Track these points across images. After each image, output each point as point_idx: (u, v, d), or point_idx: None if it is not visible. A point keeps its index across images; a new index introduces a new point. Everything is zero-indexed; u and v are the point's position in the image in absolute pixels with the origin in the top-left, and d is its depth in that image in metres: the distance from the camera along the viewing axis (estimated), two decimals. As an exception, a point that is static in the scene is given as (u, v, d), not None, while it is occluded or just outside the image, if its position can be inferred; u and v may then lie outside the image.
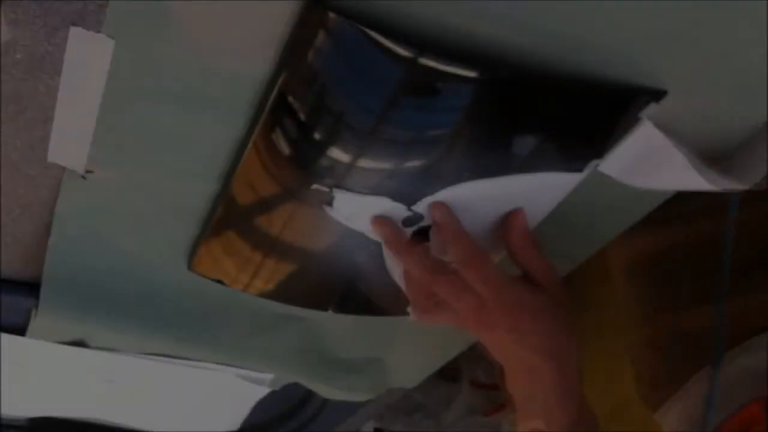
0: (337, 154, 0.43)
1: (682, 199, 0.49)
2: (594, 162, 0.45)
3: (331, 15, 0.36)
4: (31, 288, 0.60)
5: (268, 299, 0.59)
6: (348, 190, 0.46)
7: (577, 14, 0.36)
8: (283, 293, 0.59)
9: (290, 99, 0.41)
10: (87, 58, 0.40)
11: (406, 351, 0.72)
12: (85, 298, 0.60)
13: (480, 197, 0.47)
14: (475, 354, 1.53)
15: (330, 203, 0.47)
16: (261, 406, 0.78)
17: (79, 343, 0.66)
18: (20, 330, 0.64)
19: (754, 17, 0.37)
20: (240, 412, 0.79)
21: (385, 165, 0.44)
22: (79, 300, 0.60)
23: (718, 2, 0.36)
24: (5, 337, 0.64)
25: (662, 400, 0.65)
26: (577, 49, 0.38)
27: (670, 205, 0.50)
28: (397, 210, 0.47)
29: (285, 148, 0.44)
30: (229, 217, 0.51)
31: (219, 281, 0.57)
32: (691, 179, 0.46)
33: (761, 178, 0.46)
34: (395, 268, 0.53)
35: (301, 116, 0.41)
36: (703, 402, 0.57)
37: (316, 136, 0.42)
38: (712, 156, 0.46)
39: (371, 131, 0.41)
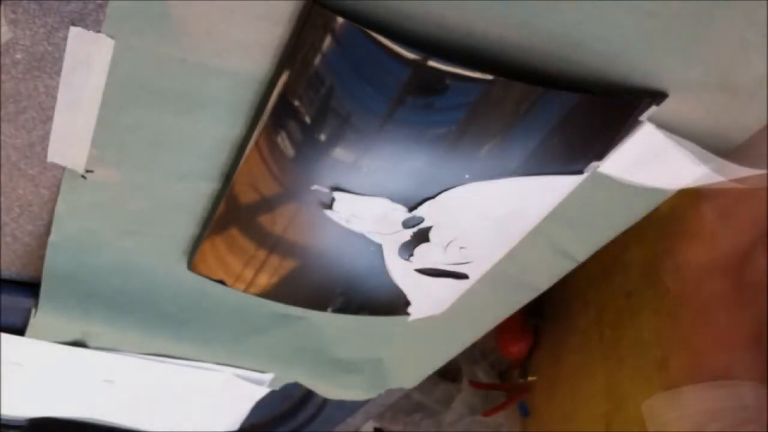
0: (337, 154, 0.43)
1: None
2: (594, 164, 0.45)
3: (337, 18, 0.36)
4: (31, 288, 0.60)
5: (268, 299, 0.59)
6: (348, 191, 0.46)
7: (578, 15, 0.36)
8: (283, 293, 0.59)
9: (291, 99, 0.41)
10: (87, 58, 0.40)
11: (406, 351, 0.72)
12: (85, 297, 0.60)
13: (480, 199, 0.47)
14: (475, 354, 1.53)
15: (330, 205, 0.47)
16: (261, 406, 0.78)
17: (79, 343, 0.66)
18: (20, 330, 0.64)
19: (754, 17, 0.37)
20: (240, 412, 0.79)
21: (386, 166, 0.44)
22: (79, 299, 0.60)
23: (717, 3, 0.36)
24: (5, 337, 0.64)
25: None
26: (578, 50, 0.38)
27: None
28: (397, 211, 0.47)
29: (285, 149, 0.44)
30: (229, 217, 0.51)
31: (219, 281, 0.57)
32: (695, 175, 0.46)
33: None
34: (395, 268, 0.54)
35: (301, 117, 0.41)
36: None
37: (316, 136, 0.42)
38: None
39: (372, 132, 0.41)
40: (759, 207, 0.58)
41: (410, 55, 0.37)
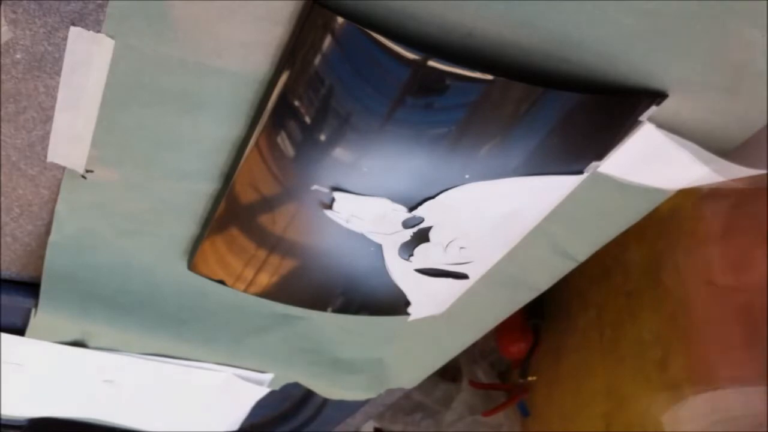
0: (337, 154, 0.43)
1: None
2: (594, 164, 0.45)
3: (337, 18, 0.36)
4: (31, 288, 0.60)
5: (268, 299, 0.59)
6: (348, 191, 0.46)
7: (578, 15, 0.36)
8: (283, 293, 0.59)
9: (291, 99, 0.41)
10: (87, 58, 0.40)
11: (406, 351, 0.72)
12: (85, 296, 0.60)
13: (480, 199, 0.47)
14: (475, 354, 1.53)
15: (330, 205, 0.47)
16: (261, 406, 0.78)
17: (79, 343, 0.66)
18: (20, 330, 0.64)
19: (754, 17, 0.37)
20: (240, 412, 0.79)
21: (386, 166, 0.44)
22: (79, 298, 0.60)
23: (718, 3, 0.36)
24: (5, 337, 0.64)
25: None
26: (578, 50, 0.38)
27: None
28: (397, 211, 0.47)
29: (285, 149, 0.44)
30: (229, 218, 0.51)
31: (219, 281, 0.57)
32: (695, 175, 0.46)
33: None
34: (395, 269, 0.54)
35: (301, 117, 0.41)
36: None
37: (316, 136, 0.42)
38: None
39: (372, 132, 0.41)
40: (759, 207, 0.58)
41: (410, 55, 0.37)
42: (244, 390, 0.74)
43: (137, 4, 0.37)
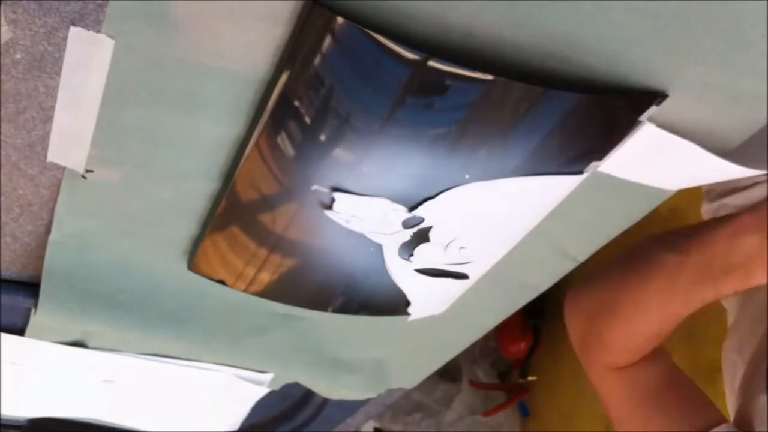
0: (337, 154, 0.43)
1: None
2: (594, 164, 0.45)
3: (337, 18, 0.36)
4: (31, 288, 0.60)
5: (268, 299, 0.59)
6: (348, 191, 0.46)
7: (578, 15, 0.36)
8: (283, 293, 0.59)
9: (291, 99, 0.41)
10: (87, 58, 0.40)
11: (406, 351, 0.72)
12: (85, 295, 0.60)
13: (480, 199, 0.47)
14: (475, 354, 1.53)
15: (330, 205, 0.47)
16: (261, 406, 0.78)
17: (79, 343, 0.66)
18: (20, 330, 0.64)
19: (754, 17, 0.37)
20: (240, 412, 0.79)
21: (386, 166, 0.44)
22: (79, 297, 0.60)
23: (718, 3, 0.36)
24: (5, 337, 0.64)
25: None
26: (578, 50, 0.38)
27: None
28: (397, 211, 0.47)
29: (285, 149, 0.44)
30: (229, 217, 0.51)
31: (219, 281, 0.57)
32: (695, 175, 0.46)
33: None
34: (395, 269, 0.54)
35: (301, 117, 0.41)
36: None
37: (316, 136, 0.42)
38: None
39: (372, 132, 0.41)
40: (759, 207, 0.58)
41: (410, 55, 0.37)
42: (244, 390, 0.74)
43: (137, 4, 0.37)
